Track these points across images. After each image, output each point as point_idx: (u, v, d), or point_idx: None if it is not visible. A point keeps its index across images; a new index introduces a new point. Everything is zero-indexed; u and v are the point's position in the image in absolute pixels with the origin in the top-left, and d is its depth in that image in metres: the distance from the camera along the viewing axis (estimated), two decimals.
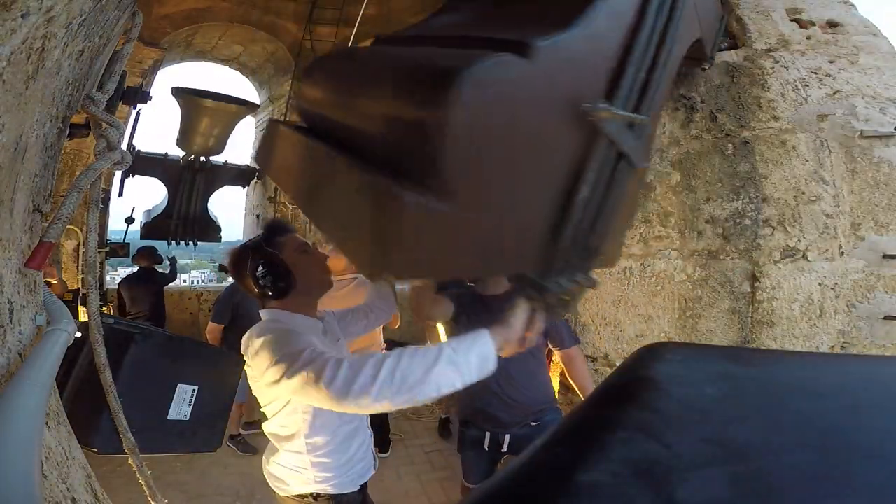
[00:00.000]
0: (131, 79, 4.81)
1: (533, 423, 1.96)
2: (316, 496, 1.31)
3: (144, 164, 5.42)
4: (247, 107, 5.76)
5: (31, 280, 0.88)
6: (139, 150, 5.23)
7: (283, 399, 1.21)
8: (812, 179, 2.04)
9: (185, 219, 5.67)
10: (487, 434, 1.99)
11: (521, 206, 0.72)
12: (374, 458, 1.50)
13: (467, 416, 2.08)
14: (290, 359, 1.04)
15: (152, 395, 1.09)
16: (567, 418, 0.36)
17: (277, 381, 1.05)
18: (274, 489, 1.37)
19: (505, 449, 1.97)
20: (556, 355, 2.11)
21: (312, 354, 1.03)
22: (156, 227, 5.58)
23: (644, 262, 2.32)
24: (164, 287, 4.85)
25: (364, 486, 1.43)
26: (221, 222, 6.32)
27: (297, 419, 1.25)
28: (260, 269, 1.23)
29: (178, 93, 5.36)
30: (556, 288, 0.85)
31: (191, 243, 5.90)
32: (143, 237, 5.40)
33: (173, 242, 5.65)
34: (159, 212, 5.64)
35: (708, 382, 0.34)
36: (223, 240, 6.33)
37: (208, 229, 5.95)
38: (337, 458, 1.31)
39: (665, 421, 0.29)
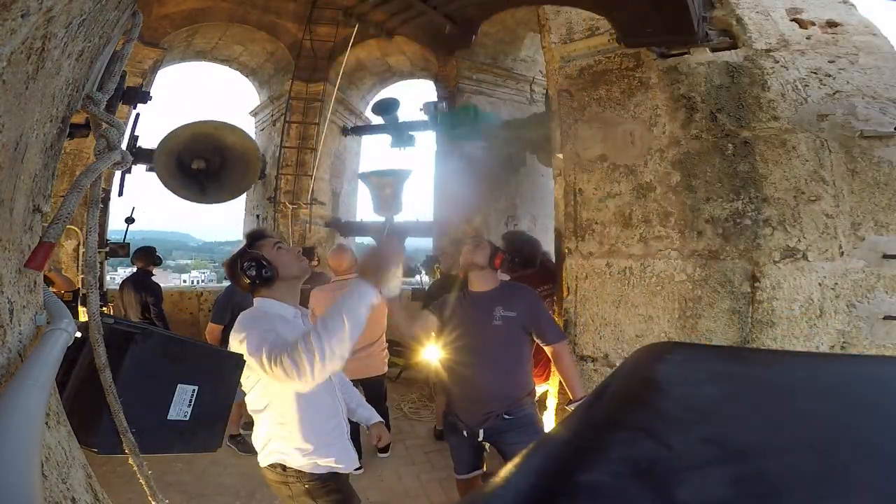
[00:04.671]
0: (131, 79, 4.80)
1: (506, 416, 2.06)
2: (283, 467, 1.49)
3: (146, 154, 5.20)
4: None
5: (31, 280, 0.88)
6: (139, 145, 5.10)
7: (255, 376, 1.43)
8: (812, 179, 2.04)
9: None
10: (462, 425, 2.12)
11: None
12: (355, 456, 1.64)
13: (447, 408, 2.25)
14: (258, 345, 1.31)
15: (152, 395, 1.09)
16: (567, 418, 0.36)
17: (251, 359, 1.31)
18: (258, 462, 1.55)
19: (481, 438, 2.09)
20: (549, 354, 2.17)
21: (273, 345, 1.28)
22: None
23: (644, 262, 2.32)
24: (163, 289, 4.71)
25: (339, 477, 1.56)
26: (222, 222, 6.26)
27: (267, 394, 1.47)
28: (245, 264, 1.54)
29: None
30: None
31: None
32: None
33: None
34: None
35: (708, 382, 0.34)
36: (224, 239, 6.25)
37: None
38: (304, 437, 1.47)
39: (665, 421, 0.29)
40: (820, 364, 0.41)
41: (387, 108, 6.21)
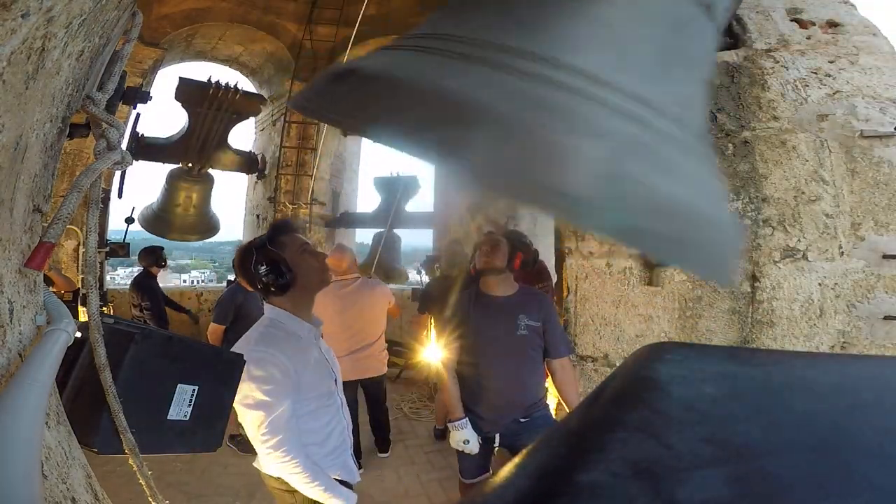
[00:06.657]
0: (131, 79, 4.79)
1: (522, 420, 1.99)
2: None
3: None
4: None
5: (31, 280, 0.88)
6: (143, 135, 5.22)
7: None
8: (812, 179, 2.04)
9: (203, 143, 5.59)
10: (477, 433, 2.01)
11: None
12: (356, 470, 1.59)
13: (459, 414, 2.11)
14: (264, 420, 1.32)
15: (152, 395, 1.09)
16: (567, 418, 0.36)
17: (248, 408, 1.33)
18: (258, 467, 1.47)
19: (497, 444, 2.01)
20: (547, 363, 2.09)
21: (275, 426, 1.31)
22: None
23: (644, 261, 2.32)
24: (160, 284, 4.71)
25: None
26: (221, 222, 6.29)
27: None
28: (263, 266, 1.34)
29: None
30: None
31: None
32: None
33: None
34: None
35: (708, 382, 0.34)
36: (224, 239, 6.29)
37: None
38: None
39: (665, 421, 0.29)
40: (820, 364, 0.41)
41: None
